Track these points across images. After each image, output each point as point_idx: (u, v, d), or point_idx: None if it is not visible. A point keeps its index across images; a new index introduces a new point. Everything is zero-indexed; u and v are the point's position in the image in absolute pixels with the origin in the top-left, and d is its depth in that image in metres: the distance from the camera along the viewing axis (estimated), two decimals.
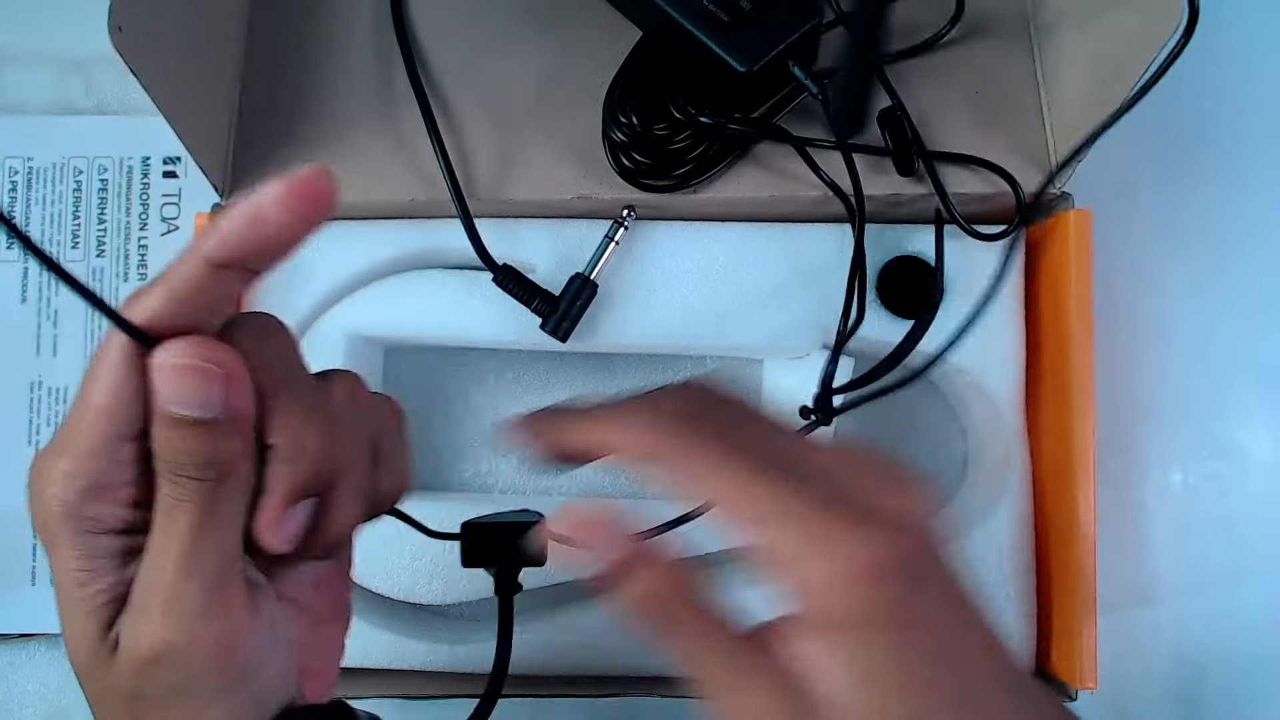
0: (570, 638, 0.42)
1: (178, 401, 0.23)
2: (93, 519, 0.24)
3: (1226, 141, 0.47)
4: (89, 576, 0.24)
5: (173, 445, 0.23)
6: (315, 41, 0.43)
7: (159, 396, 0.23)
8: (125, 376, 0.24)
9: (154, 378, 0.23)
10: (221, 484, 0.24)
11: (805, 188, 0.40)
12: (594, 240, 0.41)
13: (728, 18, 0.37)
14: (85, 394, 0.24)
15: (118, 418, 0.24)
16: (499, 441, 0.46)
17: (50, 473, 0.24)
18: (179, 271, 0.24)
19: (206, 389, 0.23)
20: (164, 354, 0.23)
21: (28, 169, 0.45)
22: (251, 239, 0.24)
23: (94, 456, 0.24)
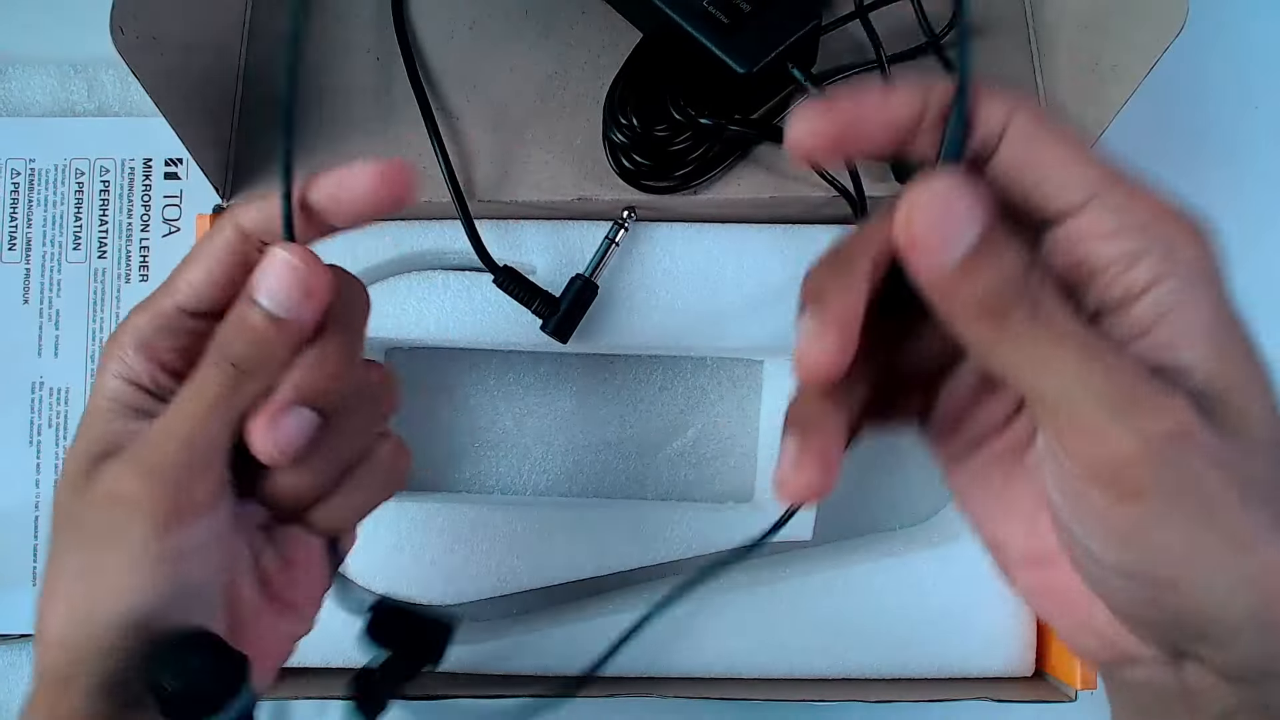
0: (570, 638, 0.42)
1: (270, 293, 0.25)
2: (135, 370, 0.26)
3: (1226, 141, 0.47)
4: (109, 415, 0.27)
5: (237, 330, 0.25)
6: (316, 43, 0.43)
7: (255, 283, 0.25)
8: (222, 259, 0.26)
9: (263, 266, 0.25)
10: (249, 380, 0.26)
11: (805, 189, 0.40)
12: (594, 241, 0.41)
13: (727, 19, 0.37)
14: (180, 268, 0.27)
15: (198, 292, 0.26)
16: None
17: (129, 321, 0.27)
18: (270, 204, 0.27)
19: (299, 294, 0.25)
20: (283, 251, 0.25)
21: (29, 170, 0.45)
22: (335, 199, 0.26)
23: (164, 315, 0.27)
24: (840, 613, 0.42)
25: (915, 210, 0.19)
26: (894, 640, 0.42)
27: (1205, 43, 0.47)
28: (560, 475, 0.46)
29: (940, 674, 0.42)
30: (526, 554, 0.42)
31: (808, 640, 0.42)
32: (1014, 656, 0.42)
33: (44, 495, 0.43)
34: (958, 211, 0.19)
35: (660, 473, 0.46)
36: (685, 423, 0.46)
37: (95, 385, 0.27)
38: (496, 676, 0.41)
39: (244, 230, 0.27)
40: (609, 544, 0.42)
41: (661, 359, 0.46)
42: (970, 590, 0.42)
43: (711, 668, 0.42)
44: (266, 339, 0.25)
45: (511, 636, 0.42)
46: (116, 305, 0.44)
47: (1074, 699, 0.39)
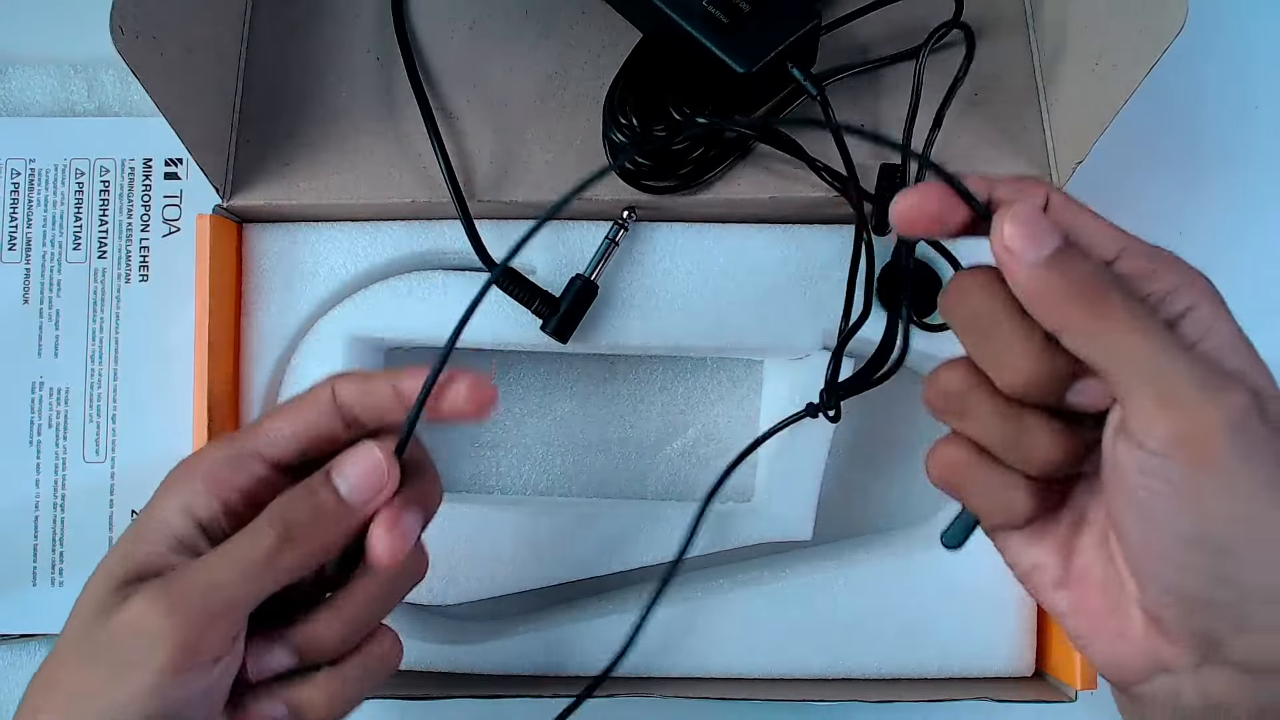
0: (570, 638, 0.42)
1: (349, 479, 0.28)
2: (196, 501, 0.28)
3: (1226, 141, 0.47)
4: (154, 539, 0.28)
5: (305, 499, 0.27)
6: (316, 43, 0.43)
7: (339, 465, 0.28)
8: (311, 421, 0.29)
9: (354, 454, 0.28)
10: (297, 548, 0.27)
11: (805, 189, 0.40)
12: (594, 241, 0.41)
13: (727, 19, 0.37)
14: (275, 411, 0.29)
15: (282, 443, 0.28)
16: None
17: (206, 453, 0.29)
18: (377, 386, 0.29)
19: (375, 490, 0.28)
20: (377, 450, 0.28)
21: (29, 170, 0.45)
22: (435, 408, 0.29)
23: (241, 454, 0.28)
24: (840, 613, 0.42)
25: (1006, 223, 0.23)
26: (894, 640, 0.42)
27: (1205, 43, 0.47)
28: (560, 475, 0.46)
29: (940, 674, 0.42)
30: (526, 554, 0.42)
31: (808, 640, 0.42)
32: (1014, 656, 0.42)
33: (44, 495, 0.43)
34: (1040, 220, 0.23)
35: (660, 473, 0.46)
36: (685, 423, 0.46)
37: (154, 503, 0.28)
38: (496, 677, 0.41)
39: (341, 402, 0.29)
40: (609, 544, 0.42)
41: (661, 359, 0.46)
42: (970, 590, 0.42)
43: (711, 668, 0.42)
44: (327, 515, 0.27)
45: (511, 636, 0.42)
46: (116, 305, 0.44)
47: (1074, 699, 0.39)
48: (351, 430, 0.29)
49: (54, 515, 0.43)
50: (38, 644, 0.44)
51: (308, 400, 0.29)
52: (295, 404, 0.29)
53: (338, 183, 0.41)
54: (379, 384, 0.29)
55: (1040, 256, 0.23)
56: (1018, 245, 0.23)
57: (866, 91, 0.42)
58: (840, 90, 0.41)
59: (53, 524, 0.43)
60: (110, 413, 0.44)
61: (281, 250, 0.42)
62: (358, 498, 0.28)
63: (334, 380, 0.29)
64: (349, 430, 0.29)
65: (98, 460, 0.44)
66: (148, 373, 0.44)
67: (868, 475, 0.45)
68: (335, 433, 0.29)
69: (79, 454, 0.44)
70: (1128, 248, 0.24)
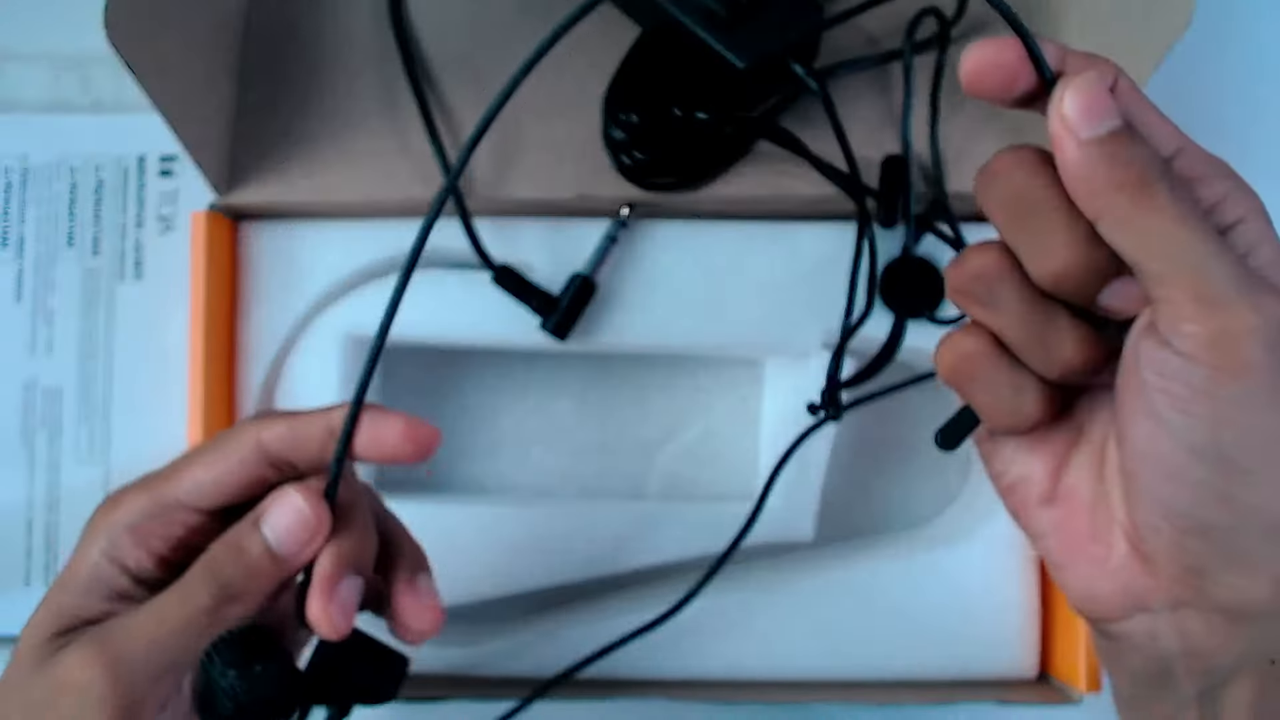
0: (570, 638, 0.41)
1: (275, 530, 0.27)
2: (121, 549, 0.27)
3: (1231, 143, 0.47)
4: (83, 589, 0.27)
5: (234, 555, 0.27)
6: (313, 39, 0.42)
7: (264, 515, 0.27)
8: (235, 469, 0.27)
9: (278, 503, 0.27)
10: (234, 604, 0.26)
11: (806, 186, 0.40)
12: (593, 239, 0.41)
13: (726, 14, 0.37)
14: (189, 462, 0.28)
15: (206, 491, 0.27)
16: None
17: (123, 499, 0.28)
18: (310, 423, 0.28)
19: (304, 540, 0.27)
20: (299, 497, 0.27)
21: (23, 168, 0.44)
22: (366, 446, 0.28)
23: (162, 504, 0.27)
24: (841, 615, 0.42)
25: (1071, 91, 0.22)
26: (896, 642, 0.41)
27: (1210, 44, 0.47)
28: (560, 475, 0.45)
29: (943, 676, 0.42)
30: (526, 554, 0.41)
31: (809, 642, 0.41)
32: (1018, 659, 0.42)
33: (36, 495, 0.43)
34: (1104, 96, 0.22)
35: (660, 473, 0.45)
36: (685, 423, 0.45)
37: (78, 553, 0.28)
38: (496, 677, 0.41)
39: (265, 449, 0.27)
40: (609, 544, 0.42)
41: (661, 359, 0.46)
42: (973, 592, 0.41)
43: (712, 670, 0.42)
44: (260, 571, 0.27)
45: (511, 636, 0.42)
46: (110, 304, 0.44)
47: (1078, 702, 0.39)
48: (283, 472, 0.28)
49: (47, 516, 0.43)
50: None
51: (230, 447, 0.28)
52: (217, 451, 0.28)
53: (335, 180, 0.41)
54: (310, 427, 0.27)
55: (1096, 133, 0.21)
56: (1075, 117, 0.22)
57: (869, 87, 0.42)
58: (842, 86, 0.41)
59: (46, 525, 0.43)
60: (104, 412, 0.43)
61: (278, 248, 0.41)
62: (288, 550, 0.27)
63: (259, 426, 0.28)
64: (280, 472, 0.28)
65: (91, 461, 0.43)
66: (142, 372, 0.43)
67: (869, 475, 0.45)
68: (264, 477, 0.28)
69: (72, 454, 0.43)
70: (1185, 148, 0.23)
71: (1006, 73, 0.23)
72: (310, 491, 0.27)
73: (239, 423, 0.28)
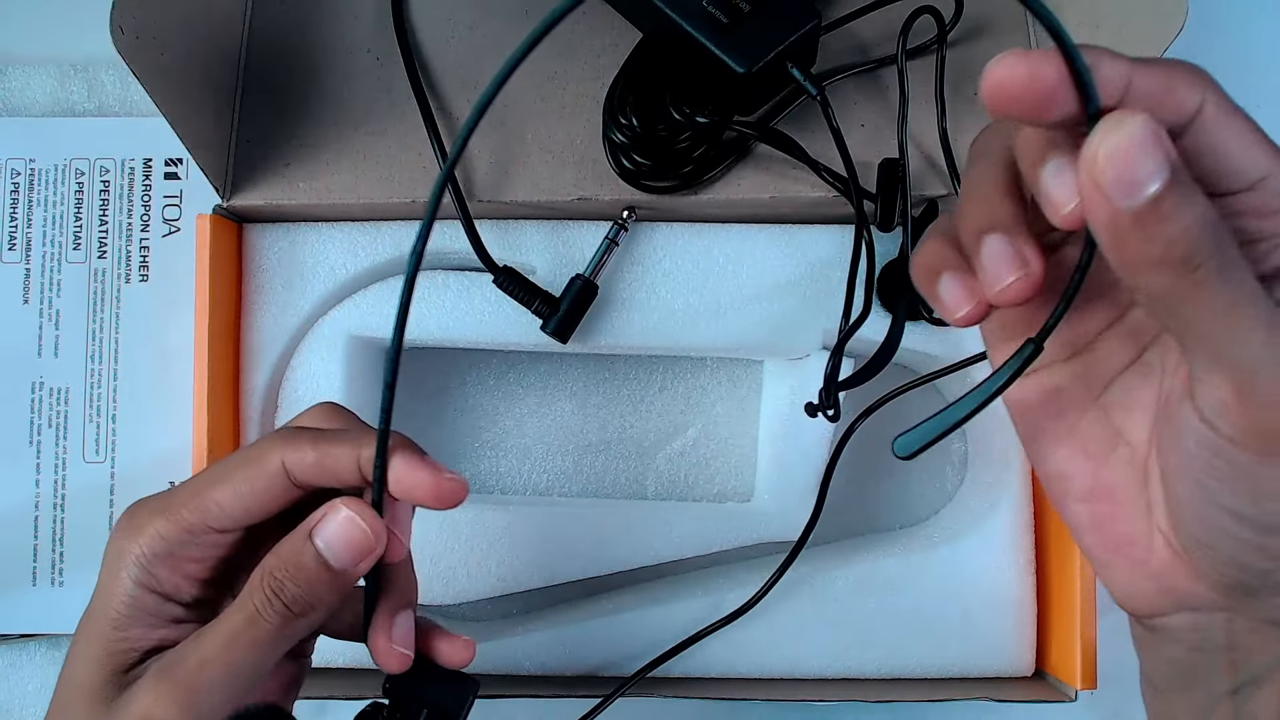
0: (570, 638, 0.42)
1: (332, 547, 0.26)
2: (156, 578, 0.27)
3: None
4: (128, 622, 0.26)
5: (294, 572, 0.26)
6: (316, 42, 0.43)
7: (319, 531, 0.26)
8: (259, 490, 0.26)
9: (333, 520, 0.26)
10: (301, 620, 0.26)
11: (805, 189, 0.40)
12: (594, 241, 0.41)
13: (727, 19, 0.37)
14: (217, 478, 0.27)
15: (234, 516, 0.27)
16: None
17: (146, 524, 0.27)
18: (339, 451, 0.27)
19: (361, 554, 0.26)
20: (355, 514, 0.26)
21: (30, 170, 0.45)
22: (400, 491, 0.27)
23: (191, 531, 0.26)
24: (840, 612, 0.42)
25: (1109, 142, 0.18)
26: (894, 640, 0.42)
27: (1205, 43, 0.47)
28: (560, 475, 0.46)
29: (940, 674, 0.42)
30: (526, 554, 0.42)
31: (808, 640, 0.42)
32: (1014, 656, 0.42)
33: (44, 495, 0.43)
34: (1151, 148, 0.18)
35: (660, 473, 0.46)
36: (685, 423, 0.46)
37: (106, 584, 0.27)
38: (496, 677, 0.41)
39: (292, 475, 0.27)
40: (609, 544, 0.42)
41: (661, 359, 0.46)
42: (970, 590, 0.42)
43: (711, 668, 0.42)
44: (320, 585, 0.26)
45: (511, 636, 0.42)
46: (116, 305, 0.44)
47: (1074, 699, 0.39)
48: (305, 492, 0.27)
49: (54, 515, 0.43)
50: (38, 644, 0.44)
51: (255, 471, 0.27)
52: (241, 474, 0.27)
53: (338, 182, 0.41)
54: (338, 461, 0.27)
55: (1133, 203, 0.18)
56: (1109, 182, 0.18)
57: (866, 91, 0.42)
58: (841, 90, 0.41)
59: (53, 524, 0.43)
60: (110, 413, 0.44)
61: (281, 250, 0.42)
62: (346, 564, 0.26)
63: (285, 449, 0.27)
64: (302, 493, 0.27)
65: (98, 460, 0.44)
66: (148, 373, 0.44)
67: (868, 475, 0.45)
68: (290, 498, 0.27)
69: (79, 454, 0.44)
70: (1270, 178, 0.20)
71: (1040, 95, 0.19)
72: (364, 506, 0.26)
73: (264, 442, 0.27)
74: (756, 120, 0.40)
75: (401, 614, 0.28)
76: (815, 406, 0.40)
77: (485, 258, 0.40)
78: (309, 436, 0.27)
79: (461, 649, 0.29)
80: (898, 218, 0.39)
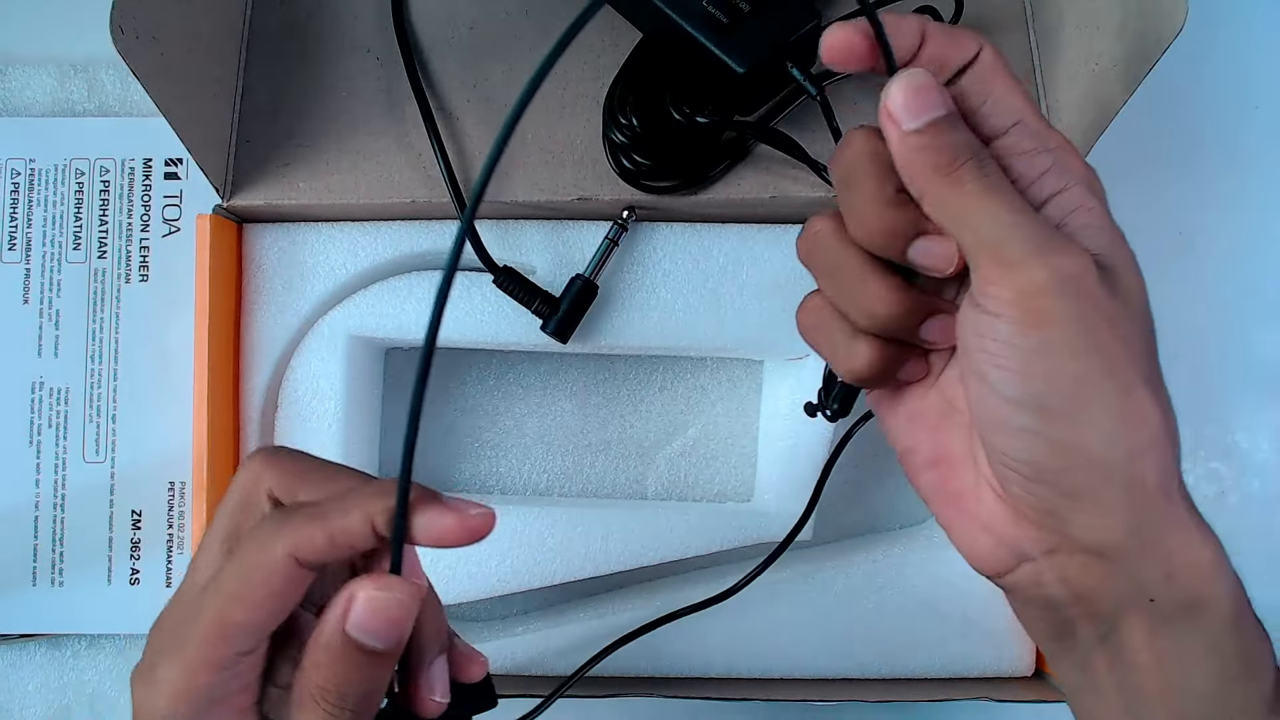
0: (570, 638, 0.42)
1: (371, 632, 0.23)
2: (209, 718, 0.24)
3: (1226, 141, 0.47)
4: None
5: (347, 677, 0.24)
6: (316, 42, 0.43)
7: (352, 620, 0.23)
8: (279, 593, 0.24)
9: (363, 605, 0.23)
10: (366, 710, 0.24)
11: (805, 189, 0.40)
12: (594, 242, 0.41)
13: (726, 19, 0.37)
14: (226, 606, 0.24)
15: (257, 634, 0.24)
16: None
17: (160, 685, 0.24)
18: (345, 522, 0.24)
19: (402, 629, 0.24)
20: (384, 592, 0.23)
21: (30, 170, 0.45)
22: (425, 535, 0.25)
23: (215, 669, 0.24)
24: (840, 613, 0.42)
25: (897, 85, 0.24)
26: (893, 640, 0.42)
27: (1205, 43, 0.47)
28: (560, 475, 0.46)
29: (940, 674, 0.42)
30: (526, 554, 0.42)
31: (806, 640, 0.42)
32: (1013, 656, 0.42)
33: (44, 495, 0.43)
34: (930, 90, 0.24)
35: (660, 473, 0.46)
36: (685, 423, 0.46)
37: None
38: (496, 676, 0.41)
39: (303, 562, 0.24)
40: (609, 544, 0.42)
41: (661, 359, 0.46)
42: (970, 590, 0.42)
43: (711, 668, 0.42)
44: (376, 671, 0.24)
45: (511, 636, 0.42)
46: (116, 305, 0.44)
47: None
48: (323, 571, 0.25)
49: (54, 515, 0.43)
50: (38, 644, 0.45)
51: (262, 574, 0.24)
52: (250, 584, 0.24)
53: (337, 183, 0.41)
54: (348, 529, 0.24)
55: (914, 125, 0.24)
56: (897, 110, 0.24)
57: (866, 92, 0.42)
58: (841, 90, 0.41)
59: (53, 524, 0.43)
60: (110, 413, 0.44)
61: (281, 250, 0.42)
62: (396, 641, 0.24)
63: (288, 538, 0.24)
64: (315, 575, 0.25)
65: (98, 460, 0.44)
66: (148, 373, 0.44)
67: (868, 475, 0.45)
68: (306, 583, 0.25)
69: (79, 454, 0.44)
70: (1024, 122, 0.24)
71: (857, 55, 0.25)
72: (382, 578, 0.24)
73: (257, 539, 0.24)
74: (756, 120, 0.40)
75: (437, 664, 0.27)
76: (815, 406, 0.40)
77: (485, 258, 0.40)
78: (306, 515, 0.24)
79: (476, 666, 0.29)
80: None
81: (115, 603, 0.43)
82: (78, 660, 0.45)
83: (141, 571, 0.43)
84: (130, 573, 0.43)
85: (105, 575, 0.43)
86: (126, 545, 0.43)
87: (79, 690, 0.45)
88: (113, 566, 0.43)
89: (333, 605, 0.24)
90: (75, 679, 0.45)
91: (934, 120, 0.24)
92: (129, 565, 0.43)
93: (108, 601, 0.43)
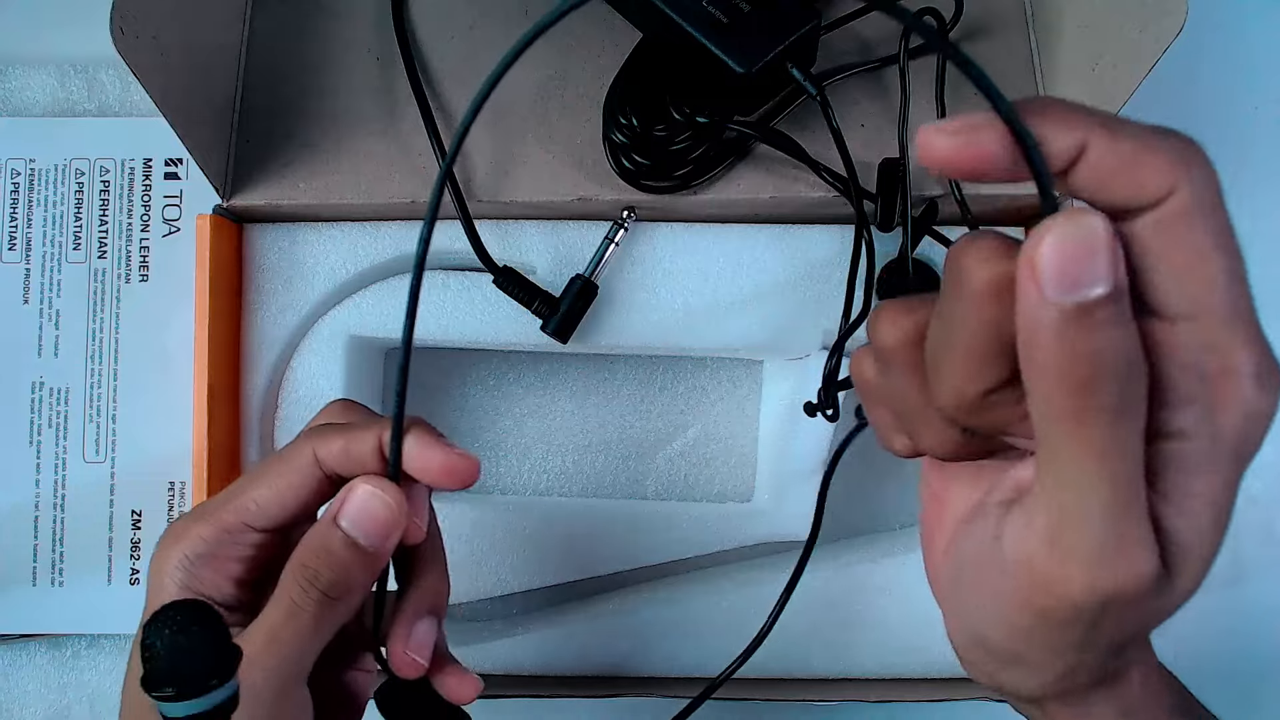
0: (570, 638, 0.42)
1: (358, 525, 0.26)
2: (200, 579, 0.27)
3: (1226, 141, 0.47)
4: None
5: (324, 558, 0.26)
6: (316, 42, 0.43)
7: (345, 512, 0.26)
8: (294, 484, 0.27)
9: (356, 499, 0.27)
10: (339, 605, 0.26)
11: (805, 188, 0.40)
12: (594, 242, 0.41)
13: (727, 19, 0.37)
14: (253, 478, 0.28)
15: (271, 513, 0.27)
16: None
17: (186, 531, 0.27)
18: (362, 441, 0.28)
19: (387, 530, 0.27)
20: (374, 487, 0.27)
21: (30, 170, 0.45)
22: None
23: (230, 531, 0.27)
24: (840, 613, 0.42)
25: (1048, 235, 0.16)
26: (894, 640, 0.42)
27: (1205, 43, 0.47)
28: (560, 475, 0.46)
29: (940, 674, 0.42)
30: (526, 554, 0.42)
31: (808, 640, 0.42)
32: None
33: (44, 495, 0.43)
34: (1097, 257, 0.16)
35: (660, 473, 0.46)
36: (685, 423, 0.46)
37: (152, 593, 0.27)
38: (496, 676, 0.42)
39: (323, 464, 0.28)
40: (609, 544, 0.42)
41: (661, 359, 0.46)
42: None
43: (711, 668, 0.42)
44: (352, 567, 0.26)
45: (511, 636, 0.42)
46: (116, 305, 0.44)
47: None
48: (335, 485, 0.28)
49: (54, 515, 0.43)
50: (38, 644, 0.45)
51: (288, 465, 0.28)
52: (276, 469, 0.28)
53: (337, 183, 0.41)
54: (363, 443, 0.27)
55: (1065, 299, 0.16)
56: (1046, 274, 0.16)
57: (867, 91, 0.42)
58: (841, 90, 0.41)
59: (53, 524, 0.43)
60: (110, 413, 0.44)
61: (281, 250, 0.42)
62: (373, 541, 0.27)
63: (316, 442, 0.28)
64: (333, 486, 0.28)
65: (98, 460, 0.44)
66: (148, 373, 0.44)
67: (868, 474, 0.45)
68: (322, 491, 0.28)
69: (79, 454, 0.44)
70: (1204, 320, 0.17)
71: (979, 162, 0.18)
72: (380, 480, 0.27)
73: (297, 440, 0.28)
74: (756, 120, 0.40)
75: (424, 620, 0.28)
76: (815, 406, 0.40)
77: (485, 258, 0.40)
78: (335, 429, 0.28)
79: (467, 686, 0.30)
80: (898, 218, 0.39)
81: (115, 603, 0.43)
82: (78, 660, 0.45)
83: (141, 571, 0.43)
84: (130, 573, 0.43)
85: (105, 575, 0.43)
86: (126, 545, 0.43)
87: (79, 690, 0.45)
88: (113, 566, 0.43)
89: (335, 499, 0.27)
90: (75, 679, 0.45)
91: (1092, 302, 0.16)
92: (129, 565, 0.43)
93: (108, 601, 0.43)
